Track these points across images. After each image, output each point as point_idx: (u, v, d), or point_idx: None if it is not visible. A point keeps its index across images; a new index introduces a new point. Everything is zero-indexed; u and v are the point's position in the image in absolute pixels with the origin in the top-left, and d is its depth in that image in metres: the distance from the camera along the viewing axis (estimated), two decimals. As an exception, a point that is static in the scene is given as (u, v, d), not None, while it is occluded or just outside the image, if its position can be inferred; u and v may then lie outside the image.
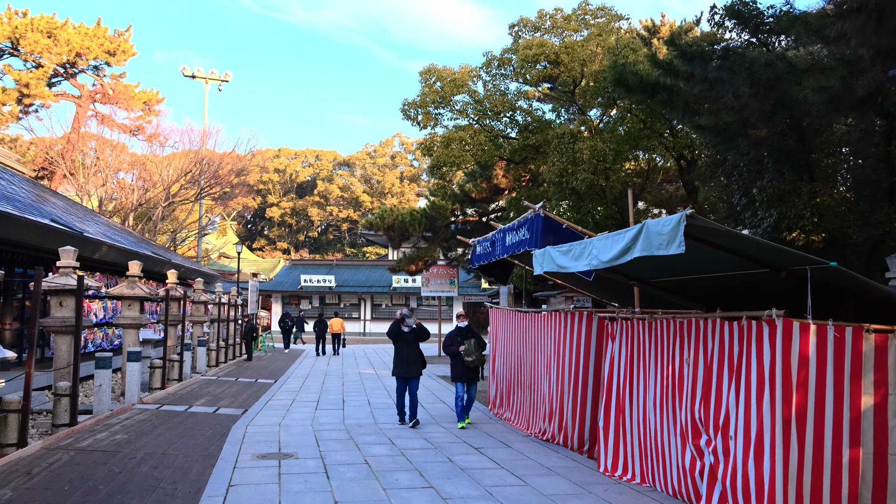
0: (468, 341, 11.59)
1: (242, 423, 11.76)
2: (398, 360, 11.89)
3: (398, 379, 11.94)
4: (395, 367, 11.91)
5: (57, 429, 10.25)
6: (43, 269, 8.91)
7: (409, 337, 11.92)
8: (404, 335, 11.89)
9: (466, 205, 27.27)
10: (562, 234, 9.61)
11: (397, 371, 11.89)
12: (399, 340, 11.92)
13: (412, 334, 11.96)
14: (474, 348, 11.53)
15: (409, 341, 11.90)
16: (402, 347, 11.88)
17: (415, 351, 11.95)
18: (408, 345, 11.88)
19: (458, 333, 11.92)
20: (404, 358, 11.84)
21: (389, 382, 18.54)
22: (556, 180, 15.98)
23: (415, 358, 11.91)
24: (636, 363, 7.92)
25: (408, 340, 11.90)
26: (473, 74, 18.14)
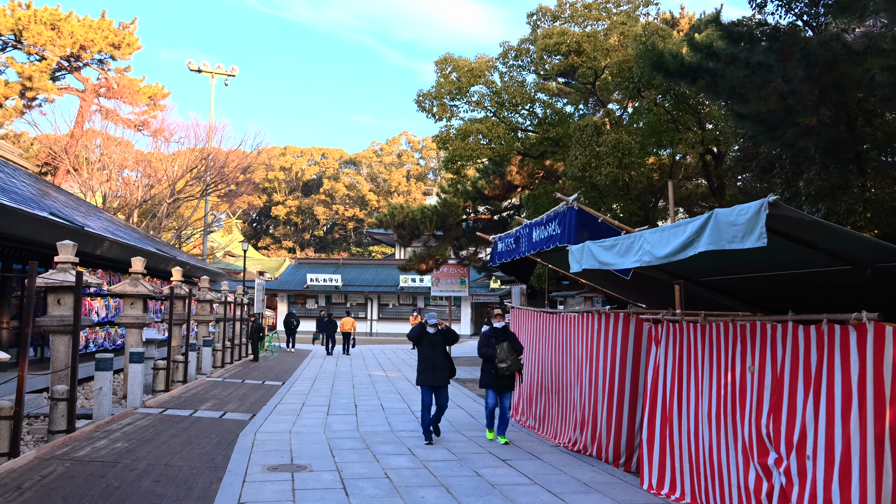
0: (501, 345, 10.17)
1: (251, 429, 11.07)
2: (423, 367, 10.37)
3: (424, 388, 10.38)
4: (420, 375, 10.38)
5: (53, 436, 9.57)
6: (38, 263, 8.23)
7: (434, 339, 10.47)
8: (428, 336, 10.48)
9: (479, 202, 26.57)
10: (597, 228, 8.91)
11: (423, 379, 10.35)
12: (422, 343, 10.52)
13: (438, 336, 10.52)
14: (508, 353, 10.12)
15: (434, 344, 10.45)
16: (427, 351, 10.45)
17: (441, 354, 10.46)
18: (433, 348, 10.43)
19: (492, 334, 10.48)
20: (430, 363, 10.35)
21: (402, 385, 17.86)
22: (577, 175, 15.25)
23: (442, 363, 10.40)
24: (686, 370, 7.20)
25: (433, 343, 10.45)
26: (490, 65, 17.42)
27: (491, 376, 10.29)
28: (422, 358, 10.46)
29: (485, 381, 10.47)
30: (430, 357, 10.38)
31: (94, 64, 32.06)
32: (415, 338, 10.61)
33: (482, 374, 10.53)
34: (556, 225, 9.47)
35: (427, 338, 10.47)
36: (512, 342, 10.32)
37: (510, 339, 10.38)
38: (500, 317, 10.74)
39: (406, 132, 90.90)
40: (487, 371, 10.38)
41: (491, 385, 10.36)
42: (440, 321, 10.69)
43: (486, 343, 10.40)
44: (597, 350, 9.47)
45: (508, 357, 10.10)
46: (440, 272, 29.06)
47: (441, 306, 49.37)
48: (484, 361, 10.43)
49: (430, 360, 10.36)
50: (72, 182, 33.79)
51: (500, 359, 10.07)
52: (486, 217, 27.59)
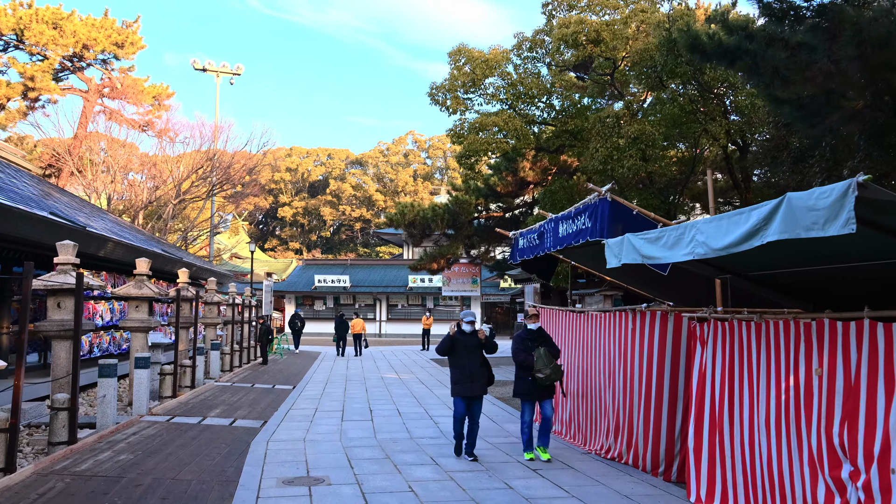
0: (538, 351, 8.95)
1: (262, 437, 10.51)
2: (459, 376, 9.12)
3: (459, 399, 9.18)
4: (456, 385, 9.17)
5: (54, 447, 9.02)
6: (34, 265, 7.68)
7: (470, 343, 9.22)
8: (463, 340, 9.22)
9: (491, 199, 25.98)
10: (632, 221, 8.30)
11: (458, 390, 9.13)
12: (457, 349, 9.20)
13: (474, 339, 9.27)
14: (546, 360, 8.89)
15: (470, 348, 9.18)
16: (463, 357, 9.14)
17: (478, 361, 9.19)
18: (469, 353, 9.15)
19: (528, 337, 9.25)
20: (466, 371, 9.08)
21: (416, 388, 17.28)
22: (598, 168, 14.65)
23: (479, 371, 9.15)
24: (739, 373, 6.60)
25: (469, 347, 9.18)
26: (504, 56, 16.82)
27: (527, 385, 9.05)
28: (456, 366, 9.19)
29: (520, 390, 9.21)
30: (466, 364, 9.15)
31: (97, 64, 31.62)
32: (446, 349, 9.26)
33: (517, 383, 9.27)
34: (587, 218, 8.85)
35: (462, 342, 9.20)
36: (549, 346, 9.20)
37: (547, 342, 9.28)
38: (535, 317, 9.45)
39: (412, 131, 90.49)
40: (523, 379, 9.11)
41: (528, 395, 9.13)
42: (480, 331, 9.47)
43: (523, 347, 9.14)
44: (631, 351, 8.87)
45: (547, 365, 8.89)
46: (451, 271, 28.60)
47: (451, 306, 48.82)
48: (518, 368, 9.22)
49: (467, 368, 9.14)
50: (76, 185, 33.34)
51: (537, 368, 8.85)
52: (497, 215, 27.01)
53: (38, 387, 12.80)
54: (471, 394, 9.10)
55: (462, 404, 9.17)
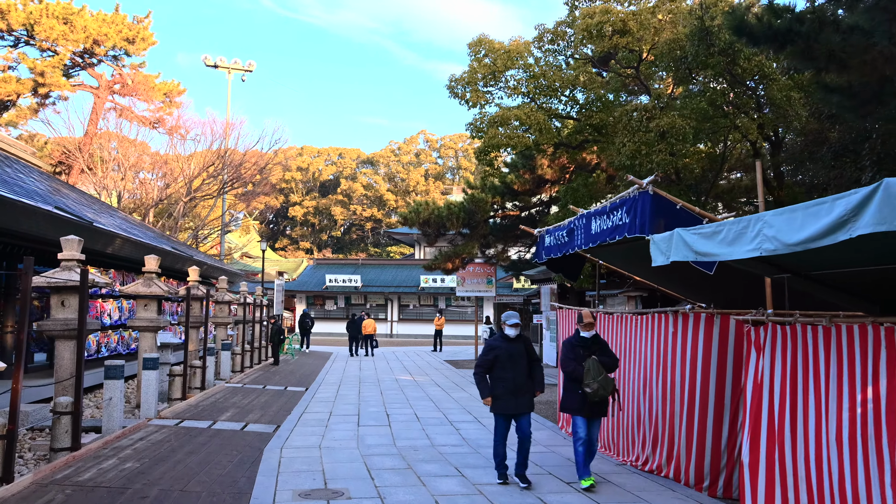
0: (589, 360, 7.76)
1: (276, 443, 9.96)
2: (500, 389, 7.78)
3: (500, 417, 7.93)
4: (498, 401, 7.83)
5: (56, 454, 8.49)
6: (34, 260, 7.16)
7: (515, 350, 7.91)
8: (507, 346, 7.90)
9: (507, 197, 25.37)
10: (675, 216, 7.70)
11: (500, 406, 7.83)
12: (500, 358, 7.85)
13: (519, 345, 7.97)
14: (596, 372, 7.66)
15: (514, 356, 7.86)
16: (506, 366, 7.80)
17: (524, 371, 7.86)
18: (514, 362, 7.82)
19: (579, 344, 7.99)
20: (509, 384, 7.75)
21: (432, 391, 16.72)
22: (626, 163, 14.03)
23: (525, 382, 7.84)
24: (803, 383, 5.99)
25: (513, 355, 7.86)
26: (525, 48, 16.22)
27: (577, 399, 7.83)
28: (498, 378, 7.81)
29: (569, 404, 7.98)
30: (511, 375, 7.78)
31: (107, 60, 31.16)
32: (489, 362, 7.92)
33: (565, 395, 8.09)
34: (624, 213, 8.26)
35: (505, 349, 7.88)
36: (603, 356, 7.94)
37: (602, 351, 8.00)
38: (591, 325, 8.07)
39: (424, 131, 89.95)
40: (572, 392, 7.90)
41: (578, 409, 7.86)
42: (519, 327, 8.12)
43: (572, 355, 7.95)
44: (671, 356, 8.28)
45: (596, 378, 7.63)
46: (466, 271, 27.90)
47: (463, 307, 48.25)
48: (566, 379, 8.05)
49: (511, 380, 7.77)
50: (87, 182, 32.96)
51: (587, 382, 7.63)
52: (514, 214, 26.41)
53: (43, 389, 12.31)
54: (515, 411, 7.83)
55: (504, 424, 7.94)
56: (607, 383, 7.73)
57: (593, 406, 7.79)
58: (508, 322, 8.04)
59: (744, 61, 13.51)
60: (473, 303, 47.25)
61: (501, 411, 7.87)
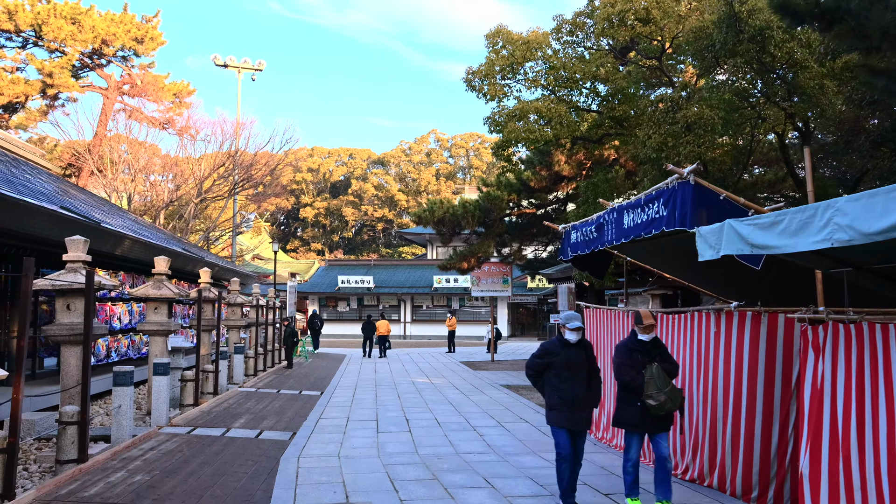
0: (650, 368, 6.71)
1: (292, 452, 9.49)
2: (557, 399, 6.71)
3: (560, 431, 6.75)
4: (554, 412, 6.76)
5: (62, 466, 8.05)
6: (34, 260, 6.71)
7: (574, 357, 6.77)
8: (566, 353, 6.78)
9: (523, 195, 24.85)
10: (719, 207, 7.14)
11: (558, 418, 6.73)
12: (555, 367, 6.77)
13: (580, 352, 6.84)
14: (661, 381, 6.63)
15: (573, 365, 6.74)
16: (562, 376, 6.71)
17: (583, 382, 6.75)
18: (572, 371, 6.72)
19: (637, 348, 6.93)
20: (568, 395, 6.67)
21: (451, 394, 16.22)
22: (651, 156, 13.49)
23: (584, 395, 6.75)
24: (872, 388, 5.46)
25: (572, 363, 6.73)
26: (544, 38, 15.70)
27: (635, 413, 6.76)
28: (554, 387, 6.75)
29: (625, 418, 6.89)
30: (569, 386, 6.69)
31: (116, 60, 30.87)
32: (541, 369, 6.87)
33: (619, 408, 6.96)
34: (662, 205, 7.72)
35: (563, 356, 6.76)
36: (664, 362, 6.88)
37: (663, 356, 6.93)
38: (652, 326, 6.94)
39: (434, 130, 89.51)
40: (628, 404, 6.83)
41: (636, 425, 6.79)
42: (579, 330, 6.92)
43: (629, 361, 6.86)
44: (714, 357, 7.76)
45: (661, 389, 6.59)
46: (481, 271, 27.43)
47: (477, 307, 47.76)
48: (622, 389, 6.95)
49: (569, 391, 6.68)
50: (97, 185, 32.66)
51: (648, 392, 6.60)
52: (530, 211, 25.90)
53: (53, 395, 11.88)
54: (573, 426, 6.71)
55: (566, 439, 6.73)
56: (675, 395, 6.66)
57: (656, 421, 6.71)
58: (569, 325, 6.81)
59: (774, 48, 12.94)
60: (487, 303, 46.77)
61: (559, 423, 6.75)
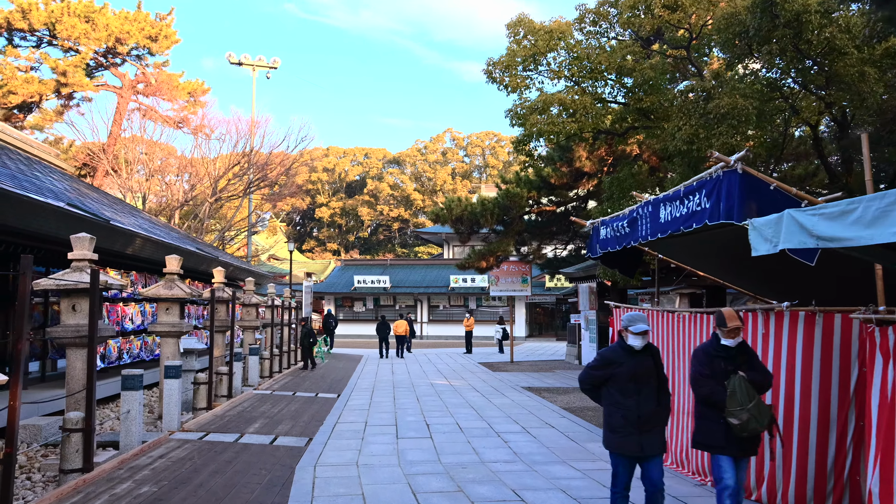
0: (733, 378, 5.56)
1: (308, 460, 9.01)
2: (618, 419, 5.56)
3: (619, 459, 5.64)
4: (613, 434, 5.61)
5: (66, 476, 7.61)
6: (32, 258, 6.25)
7: (641, 367, 5.63)
8: (631, 362, 5.64)
9: (544, 192, 24.27)
10: (769, 199, 6.55)
11: (617, 441, 5.58)
12: (618, 378, 5.61)
13: (647, 360, 5.69)
14: (744, 394, 5.48)
15: (640, 376, 5.60)
16: (627, 389, 5.57)
17: (652, 396, 5.61)
18: (639, 383, 5.58)
19: (719, 354, 5.76)
20: (632, 413, 5.53)
21: (471, 397, 15.70)
22: (682, 148, 12.90)
23: (654, 412, 5.59)
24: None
25: (638, 374, 5.60)
26: (567, 27, 15.14)
27: (718, 431, 5.62)
28: (616, 404, 5.59)
29: (707, 438, 5.74)
30: (633, 403, 5.55)
31: (130, 59, 30.63)
32: (597, 380, 5.75)
33: (699, 425, 5.82)
34: (704, 197, 7.14)
35: (628, 366, 5.61)
36: (753, 372, 5.70)
37: (750, 364, 5.77)
38: (737, 330, 5.77)
39: (450, 129, 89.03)
40: (710, 421, 5.69)
41: (723, 447, 5.62)
42: None
43: (708, 371, 5.72)
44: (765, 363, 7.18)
45: (745, 404, 5.45)
46: (500, 270, 26.89)
47: (494, 307, 47.20)
48: (702, 404, 5.79)
49: (633, 409, 5.53)
50: (112, 185, 32.43)
51: (731, 410, 5.47)
52: (549, 209, 25.32)
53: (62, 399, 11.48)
54: (638, 452, 5.51)
55: (625, 469, 5.62)
56: (762, 412, 5.50)
57: (742, 442, 5.58)
58: (633, 328, 5.63)
59: (811, 34, 12.34)
60: (505, 303, 46.20)
61: (620, 450, 5.57)
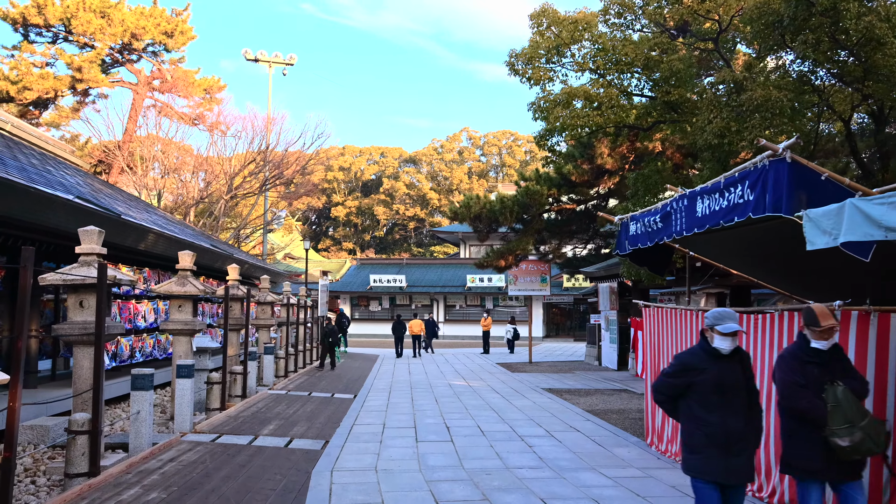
0: (833, 389, 4.81)
1: (325, 465, 8.61)
2: (703, 439, 4.66)
3: (703, 486, 4.67)
4: (697, 457, 4.69)
5: (71, 481, 7.25)
6: (34, 250, 5.89)
7: (729, 375, 4.72)
8: (717, 368, 4.73)
9: (564, 189, 23.80)
10: (821, 189, 6.09)
11: (702, 464, 4.66)
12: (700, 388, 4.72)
13: (735, 367, 4.78)
14: (850, 409, 4.72)
15: (728, 387, 4.70)
16: (710, 402, 4.68)
17: (741, 410, 4.68)
18: (726, 394, 4.68)
19: (812, 359, 4.97)
20: (718, 431, 4.62)
21: (491, 398, 15.26)
22: (712, 142, 12.42)
23: (743, 431, 4.65)
24: None
25: (725, 384, 4.69)
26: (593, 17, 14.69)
27: (813, 451, 4.85)
28: (697, 420, 4.71)
29: (799, 461, 4.93)
30: (718, 419, 4.63)
31: (146, 55, 30.45)
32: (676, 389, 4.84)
33: (788, 443, 5.01)
34: (748, 189, 6.66)
35: (713, 373, 4.70)
36: (849, 380, 4.94)
37: (846, 371, 5.03)
38: (831, 330, 4.97)
39: (467, 128, 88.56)
40: (803, 439, 4.91)
41: (820, 471, 4.86)
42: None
43: (802, 379, 4.92)
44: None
45: (857, 422, 4.68)
46: (519, 269, 26.43)
47: (512, 306, 46.71)
48: (790, 417, 5.01)
49: (719, 426, 4.62)
50: (128, 182, 32.26)
51: (834, 426, 4.69)
52: (569, 207, 24.86)
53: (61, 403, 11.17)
54: (724, 479, 4.61)
55: (711, 496, 4.64)
56: (876, 431, 4.69)
57: (843, 466, 4.77)
58: (720, 328, 4.73)
59: (849, 22, 11.82)
60: (522, 303, 45.74)
61: (703, 475, 4.65)
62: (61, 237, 10.72)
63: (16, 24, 27.24)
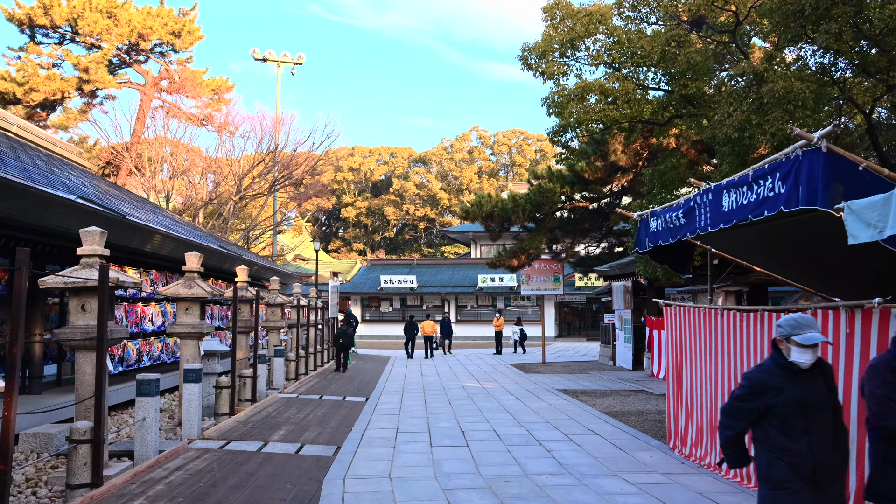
0: None
1: (337, 472, 8.30)
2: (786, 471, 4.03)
3: None
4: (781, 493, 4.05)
5: (73, 492, 6.96)
6: (29, 251, 5.61)
7: (811, 392, 4.11)
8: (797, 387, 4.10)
9: (577, 187, 23.43)
10: (858, 180, 5.74)
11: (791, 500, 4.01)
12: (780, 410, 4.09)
13: (818, 383, 4.17)
14: None
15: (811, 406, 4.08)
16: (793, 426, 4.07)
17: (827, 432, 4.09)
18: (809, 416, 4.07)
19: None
20: (805, 461, 4.02)
21: (506, 401, 14.92)
22: (732, 136, 12.04)
23: (832, 458, 4.07)
24: None
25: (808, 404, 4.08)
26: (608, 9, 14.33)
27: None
28: (778, 449, 4.10)
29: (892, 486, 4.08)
30: (805, 443, 4.05)
31: (154, 55, 30.29)
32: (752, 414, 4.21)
33: (882, 470, 4.16)
34: (779, 181, 6.30)
35: (792, 391, 4.10)
36: None
37: None
38: None
39: (476, 127, 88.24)
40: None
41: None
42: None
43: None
44: (846, 367, 6.33)
45: None
46: (531, 268, 26.08)
47: (523, 306, 46.35)
48: (880, 437, 4.17)
49: (808, 453, 4.03)
50: (136, 184, 32.09)
51: None
52: (583, 205, 24.47)
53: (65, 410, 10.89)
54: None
55: None
56: None
57: None
58: (798, 338, 4.14)
59: (873, 11, 11.44)
60: (534, 303, 45.37)
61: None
62: (65, 239, 10.46)
63: (22, 26, 27.11)
